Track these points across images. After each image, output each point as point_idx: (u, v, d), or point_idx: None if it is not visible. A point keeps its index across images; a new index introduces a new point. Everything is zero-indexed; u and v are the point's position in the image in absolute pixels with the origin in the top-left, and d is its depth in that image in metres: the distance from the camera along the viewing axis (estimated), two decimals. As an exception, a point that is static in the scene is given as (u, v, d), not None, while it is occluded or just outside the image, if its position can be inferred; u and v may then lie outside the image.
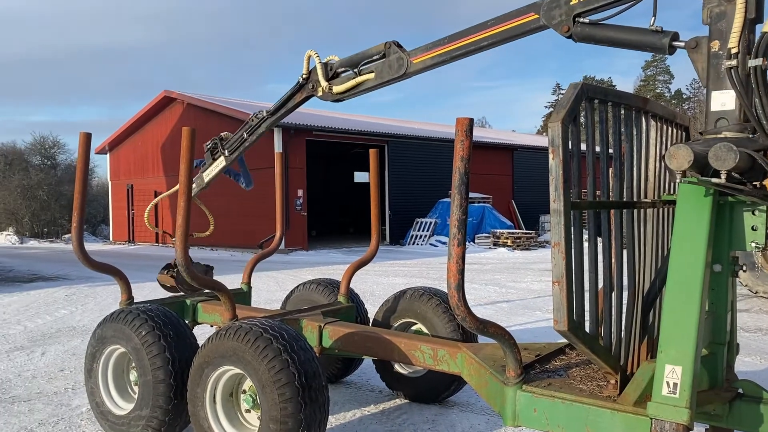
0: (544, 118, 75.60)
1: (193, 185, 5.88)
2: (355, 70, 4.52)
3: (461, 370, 3.69)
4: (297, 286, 5.77)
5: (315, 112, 31.33)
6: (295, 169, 22.12)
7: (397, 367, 4.97)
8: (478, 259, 19.03)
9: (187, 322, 5.00)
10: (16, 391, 5.56)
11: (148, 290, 10.27)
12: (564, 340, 3.39)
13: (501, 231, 23.50)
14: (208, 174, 5.77)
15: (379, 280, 13.09)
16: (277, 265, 16.32)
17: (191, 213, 3.94)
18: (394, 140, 25.49)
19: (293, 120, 22.83)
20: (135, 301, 4.96)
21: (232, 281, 6.54)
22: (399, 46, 4.29)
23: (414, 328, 4.88)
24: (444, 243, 23.17)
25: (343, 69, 4.63)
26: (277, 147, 21.58)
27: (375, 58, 4.40)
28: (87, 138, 4.63)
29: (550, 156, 2.61)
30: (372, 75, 4.43)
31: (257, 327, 3.51)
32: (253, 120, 5.44)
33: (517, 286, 12.22)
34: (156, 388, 3.88)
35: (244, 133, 5.46)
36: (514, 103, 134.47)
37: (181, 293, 5.58)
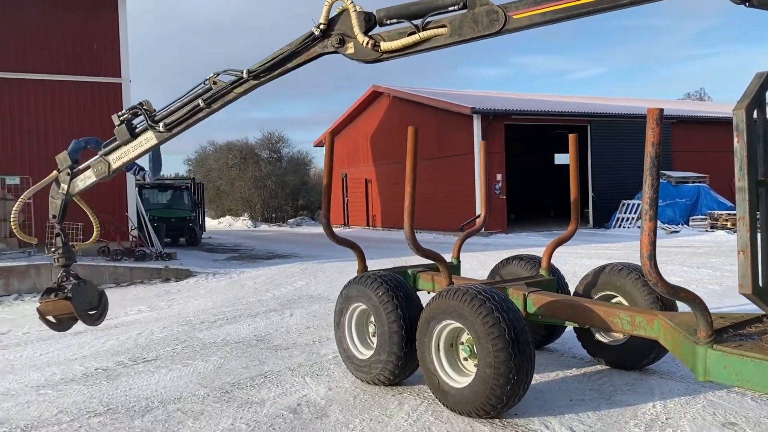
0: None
1: (87, 173, 4.80)
2: (416, 22, 3.76)
3: (657, 335, 4.06)
4: (501, 261, 6.40)
5: (512, 96, 31.41)
6: (493, 154, 22.58)
7: (598, 336, 5.39)
8: (692, 242, 17.99)
9: (409, 288, 5.88)
10: (277, 341, 6.95)
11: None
12: (762, 311, 3.62)
13: (719, 212, 21.77)
14: (121, 157, 4.66)
15: (582, 261, 13.18)
16: (478, 247, 17.06)
17: (412, 199, 4.70)
18: (597, 120, 24.79)
19: (492, 106, 23.34)
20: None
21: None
22: None
23: (613, 300, 5.25)
24: (652, 226, 22.09)
25: (391, 21, 3.88)
26: (476, 133, 22.27)
27: (450, 9, 3.67)
28: (332, 137, 5.69)
29: (735, 140, 2.95)
30: (444, 30, 3.68)
31: (473, 289, 4.23)
32: (212, 84, 4.35)
33: (735, 269, 11.55)
34: (391, 338, 4.80)
35: (200, 101, 4.37)
36: (738, 71, 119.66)
37: (72, 321, 4.86)
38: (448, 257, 6.75)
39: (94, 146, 4.88)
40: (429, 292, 6.08)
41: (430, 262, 5.02)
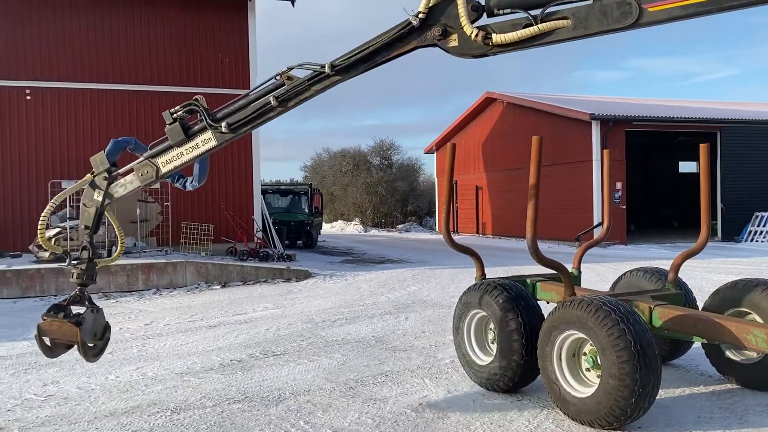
0: None
1: (130, 178, 4.24)
2: (533, 13, 3.45)
3: (797, 355, 3.88)
4: (624, 273, 6.28)
5: (633, 101, 30.12)
6: (613, 161, 21.82)
7: (729, 353, 5.17)
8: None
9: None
10: (394, 343, 7.20)
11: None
12: None
13: None
14: (172, 160, 4.14)
15: (709, 276, 12.49)
16: (595, 258, 16.56)
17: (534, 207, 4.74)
18: (728, 126, 23.25)
19: (612, 111, 22.55)
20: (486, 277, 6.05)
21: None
22: None
23: (747, 317, 5.02)
24: (790, 240, 20.39)
25: (504, 11, 3.55)
26: (595, 140, 21.59)
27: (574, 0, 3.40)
28: (453, 148, 5.85)
29: None
30: (567, 22, 3.38)
31: (597, 300, 4.24)
32: (286, 79, 3.91)
33: None
34: (511, 346, 4.88)
35: (271, 99, 3.92)
36: None
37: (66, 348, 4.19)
38: (567, 267, 6.70)
39: (132, 148, 4.41)
40: (548, 302, 6.08)
41: (550, 271, 5.05)
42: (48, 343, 4.16)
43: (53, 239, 13.04)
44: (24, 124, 14.71)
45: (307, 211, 23.39)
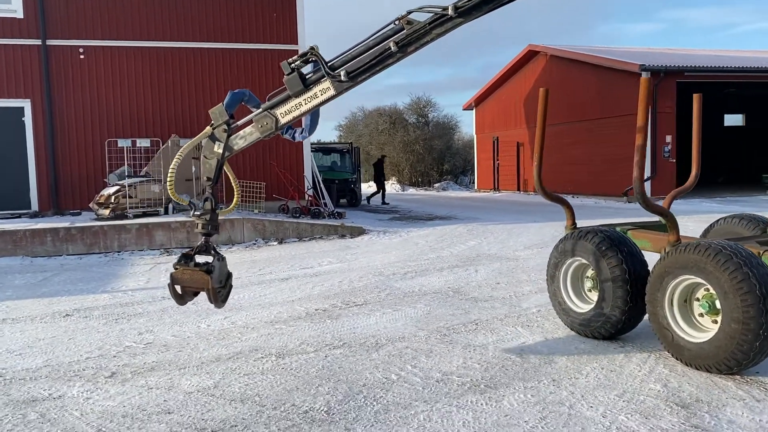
0: None
1: (249, 130, 4.30)
2: None
3: None
4: (717, 220, 6.14)
5: (680, 51, 29.12)
6: (663, 114, 21.26)
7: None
8: None
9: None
10: (472, 294, 7.21)
11: (534, 231, 11.39)
12: None
13: None
14: (291, 111, 4.16)
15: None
16: (647, 213, 16.25)
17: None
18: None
19: (663, 62, 21.86)
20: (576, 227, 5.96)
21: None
22: None
23: None
24: None
25: None
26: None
27: None
28: (546, 93, 5.71)
29: None
30: None
31: (716, 244, 4.15)
32: (405, 24, 3.91)
33: None
34: (615, 293, 4.83)
35: (391, 44, 3.91)
36: None
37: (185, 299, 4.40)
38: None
39: (246, 100, 4.43)
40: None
41: (633, 219, 4.93)
42: (179, 291, 4.36)
43: (113, 196, 13.28)
44: (79, 83, 14.82)
45: (350, 169, 23.36)
